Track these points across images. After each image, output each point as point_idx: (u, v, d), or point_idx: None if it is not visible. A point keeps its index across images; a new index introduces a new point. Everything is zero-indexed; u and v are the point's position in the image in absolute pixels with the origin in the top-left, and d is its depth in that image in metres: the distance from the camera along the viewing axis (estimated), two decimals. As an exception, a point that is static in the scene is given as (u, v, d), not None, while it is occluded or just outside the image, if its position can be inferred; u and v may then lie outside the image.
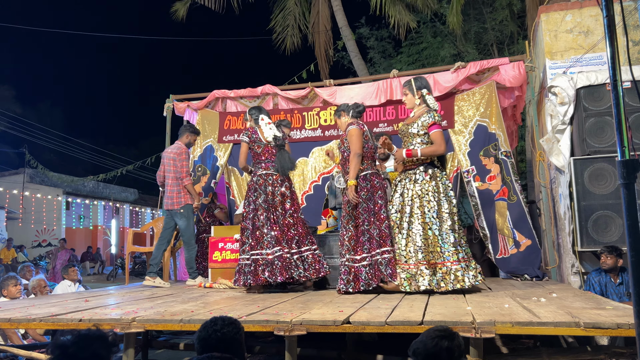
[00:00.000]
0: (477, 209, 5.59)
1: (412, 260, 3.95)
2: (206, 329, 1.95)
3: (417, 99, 4.24)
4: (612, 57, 1.93)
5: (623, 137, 1.88)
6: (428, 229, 4.00)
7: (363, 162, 4.27)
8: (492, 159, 5.63)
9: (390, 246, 4.04)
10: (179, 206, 5.35)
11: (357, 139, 4.21)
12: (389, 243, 4.05)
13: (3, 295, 4.77)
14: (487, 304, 3.25)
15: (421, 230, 4.00)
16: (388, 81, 6.19)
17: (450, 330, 1.87)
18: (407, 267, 3.96)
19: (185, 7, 12.16)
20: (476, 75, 5.95)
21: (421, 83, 4.25)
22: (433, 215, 4.00)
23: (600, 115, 4.72)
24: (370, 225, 4.14)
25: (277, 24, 12.41)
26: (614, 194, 4.55)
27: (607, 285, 4.41)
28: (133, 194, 26.55)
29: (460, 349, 1.82)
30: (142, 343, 4.34)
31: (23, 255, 16.17)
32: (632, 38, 5.08)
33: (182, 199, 5.36)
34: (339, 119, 4.61)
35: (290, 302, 3.59)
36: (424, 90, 4.20)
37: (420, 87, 4.22)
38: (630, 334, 2.40)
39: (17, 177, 20.89)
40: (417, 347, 1.84)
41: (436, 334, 1.83)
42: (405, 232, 4.04)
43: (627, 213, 1.83)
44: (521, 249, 5.29)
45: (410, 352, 1.86)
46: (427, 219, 4.01)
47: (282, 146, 4.67)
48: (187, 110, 7.08)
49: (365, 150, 4.27)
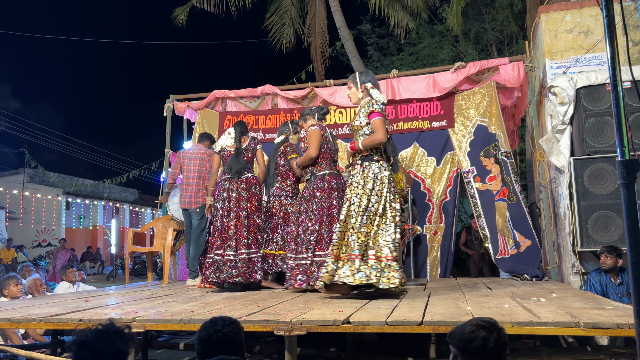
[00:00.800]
0: (477, 209, 5.59)
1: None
2: (206, 329, 1.95)
3: (360, 92, 4.06)
4: (612, 57, 1.93)
5: (623, 137, 1.88)
6: (347, 222, 3.83)
7: (321, 163, 4.39)
8: (493, 160, 5.63)
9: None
10: (196, 205, 5.48)
11: (315, 139, 4.31)
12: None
13: (4, 295, 4.77)
14: (487, 304, 3.25)
15: (339, 225, 3.83)
16: (388, 81, 6.19)
17: (493, 323, 1.78)
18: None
19: (185, 12, 12.17)
20: (476, 75, 5.95)
21: (366, 77, 4.07)
22: (353, 209, 3.81)
23: (600, 115, 4.72)
24: (322, 226, 4.24)
25: (272, 23, 12.38)
26: (614, 194, 4.55)
27: (607, 286, 4.41)
28: (133, 194, 26.55)
29: (498, 342, 1.72)
30: (142, 343, 4.34)
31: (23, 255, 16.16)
32: (632, 38, 5.08)
33: (200, 198, 5.50)
34: (304, 122, 4.68)
35: (290, 302, 3.59)
36: (368, 84, 4.01)
37: (364, 82, 4.04)
38: (630, 334, 2.40)
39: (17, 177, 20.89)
40: (454, 331, 1.80)
41: (477, 321, 1.78)
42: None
43: (627, 213, 1.82)
44: (521, 250, 5.30)
45: (448, 335, 1.82)
46: (349, 211, 3.82)
47: (239, 154, 4.80)
48: (187, 110, 7.08)
49: (324, 151, 4.37)
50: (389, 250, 3.64)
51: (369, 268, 3.60)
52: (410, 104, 6.18)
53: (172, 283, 5.78)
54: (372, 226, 3.72)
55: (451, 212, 5.95)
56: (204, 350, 1.90)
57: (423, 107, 6.14)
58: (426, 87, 6.03)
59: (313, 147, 4.33)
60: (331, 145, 4.44)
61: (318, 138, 4.34)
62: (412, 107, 6.18)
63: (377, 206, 3.75)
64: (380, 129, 3.81)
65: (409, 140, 6.15)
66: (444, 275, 5.86)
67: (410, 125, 6.16)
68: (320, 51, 12.27)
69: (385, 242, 3.67)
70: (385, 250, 3.64)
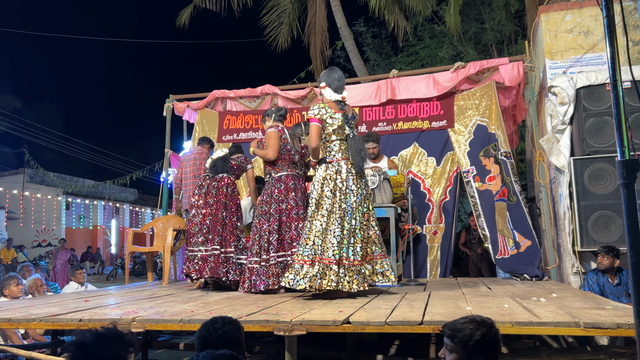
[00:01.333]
0: (477, 209, 5.59)
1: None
2: (206, 327, 1.97)
3: (319, 92, 4.04)
4: (612, 57, 1.93)
5: (623, 137, 1.88)
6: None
7: (279, 164, 4.40)
8: (492, 160, 5.63)
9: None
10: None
11: (274, 141, 4.33)
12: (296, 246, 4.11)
13: (4, 295, 4.77)
14: (487, 304, 3.25)
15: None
16: (388, 81, 6.19)
17: (486, 320, 1.87)
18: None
19: (187, 12, 12.16)
20: (476, 75, 5.95)
21: (322, 76, 4.01)
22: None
23: (600, 115, 4.72)
24: (282, 226, 4.26)
25: (269, 22, 12.36)
26: (614, 194, 4.55)
27: (604, 286, 4.41)
28: (133, 194, 26.54)
29: (484, 337, 1.81)
30: (142, 343, 4.34)
31: (23, 255, 16.16)
32: (632, 38, 5.08)
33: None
34: (264, 124, 4.70)
35: (290, 302, 3.59)
36: (322, 83, 3.95)
37: (319, 81, 3.99)
38: (630, 334, 2.40)
39: (17, 177, 20.90)
40: (450, 322, 1.92)
41: (472, 317, 1.88)
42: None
43: (627, 213, 1.83)
44: (521, 250, 5.30)
45: (443, 325, 1.94)
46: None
47: (227, 159, 4.95)
48: (187, 110, 7.08)
49: (282, 153, 4.39)
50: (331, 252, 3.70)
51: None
52: (410, 104, 6.18)
53: (172, 283, 5.78)
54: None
55: (451, 212, 5.95)
56: (204, 348, 1.91)
57: (423, 107, 6.14)
58: (426, 87, 6.03)
59: (271, 150, 4.33)
60: (290, 146, 4.46)
61: (277, 140, 4.35)
62: (412, 107, 6.18)
63: (311, 209, 3.84)
64: (311, 135, 3.83)
65: (409, 140, 6.15)
66: (444, 275, 5.86)
67: (410, 125, 6.16)
68: (320, 50, 12.24)
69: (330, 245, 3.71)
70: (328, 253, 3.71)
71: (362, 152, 3.85)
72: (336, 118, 3.83)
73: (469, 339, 1.80)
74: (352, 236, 3.75)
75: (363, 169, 3.94)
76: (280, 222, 4.28)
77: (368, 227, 3.93)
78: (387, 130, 6.20)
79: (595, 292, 4.32)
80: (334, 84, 3.88)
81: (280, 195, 4.31)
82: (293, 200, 4.31)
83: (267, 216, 4.30)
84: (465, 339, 1.81)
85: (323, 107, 3.84)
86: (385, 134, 6.13)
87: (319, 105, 3.86)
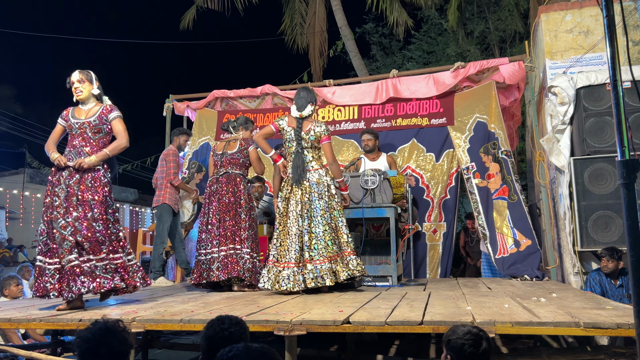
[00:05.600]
0: (477, 206, 5.57)
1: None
2: (213, 327, 1.97)
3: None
4: (612, 57, 1.93)
5: (623, 137, 1.88)
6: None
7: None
8: (491, 158, 5.64)
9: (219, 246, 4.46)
10: (155, 204, 5.57)
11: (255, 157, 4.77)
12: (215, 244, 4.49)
13: (4, 295, 4.78)
14: (487, 304, 3.24)
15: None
16: (388, 81, 6.19)
17: (481, 332, 1.96)
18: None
19: (190, 14, 12.09)
20: (476, 75, 5.96)
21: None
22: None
23: (600, 115, 4.72)
24: (223, 223, 4.54)
25: (286, 25, 12.41)
26: (614, 194, 4.54)
27: (607, 287, 4.41)
28: (133, 194, 26.50)
29: (474, 346, 1.90)
30: (142, 343, 4.34)
31: (23, 255, 16.14)
32: (632, 38, 5.07)
33: (160, 197, 5.54)
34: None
35: (290, 302, 3.59)
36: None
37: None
38: (630, 334, 2.40)
39: (17, 177, 20.86)
40: (450, 328, 2.03)
41: (470, 327, 1.97)
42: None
43: (627, 213, 1.83)
44: (521, 249, 5.29)
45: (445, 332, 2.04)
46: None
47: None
48: (187, 110, 7.08)
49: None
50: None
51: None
52: (409, 102, 6.19)
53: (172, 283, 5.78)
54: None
55: (452, 210, 5.95)
56: (210, 347, 1.92)
57: (422, 104, 6.14)
58: (426, 87, 6.04)
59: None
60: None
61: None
62: (411, 104, 6.19)
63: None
64: (264, 131, 4.37)
65: (407, 137, 6.15)
66: (444, 275, 5.85)
67: (408, 122, 6.16)
68: (319, 51, 12.25)
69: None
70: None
71: (299, 169, 4.17)
72: (287, 131, 4.27)
73: (460, 347, 1.91)
74: (286, 238, 4.14)
75: (300, 181, 4.18)
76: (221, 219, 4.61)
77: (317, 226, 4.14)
78: (386, 126, 6.20)
79: (597, 293, 4.32)
80: (298, 102, 4.30)
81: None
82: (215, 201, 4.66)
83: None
84: (457, 346, 1.92)
85: (283, 118, 4.36)
86: (384, 131, 6.14)
87: (283, 116, 4.40)
